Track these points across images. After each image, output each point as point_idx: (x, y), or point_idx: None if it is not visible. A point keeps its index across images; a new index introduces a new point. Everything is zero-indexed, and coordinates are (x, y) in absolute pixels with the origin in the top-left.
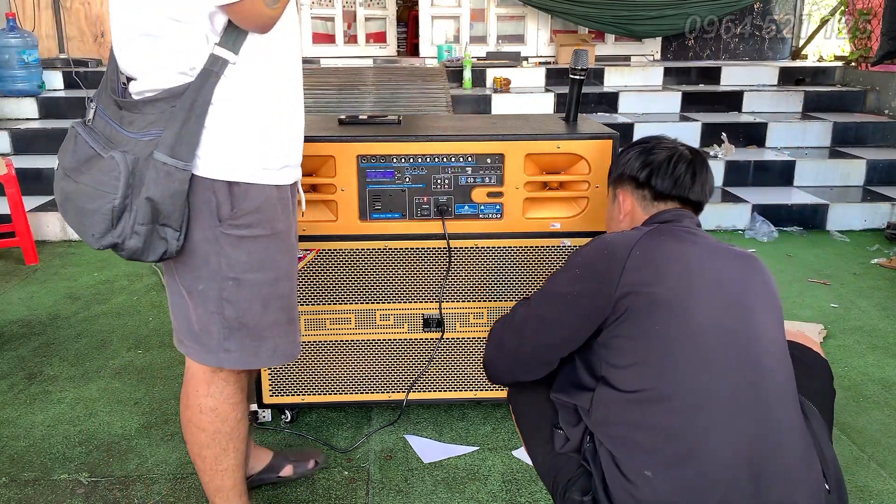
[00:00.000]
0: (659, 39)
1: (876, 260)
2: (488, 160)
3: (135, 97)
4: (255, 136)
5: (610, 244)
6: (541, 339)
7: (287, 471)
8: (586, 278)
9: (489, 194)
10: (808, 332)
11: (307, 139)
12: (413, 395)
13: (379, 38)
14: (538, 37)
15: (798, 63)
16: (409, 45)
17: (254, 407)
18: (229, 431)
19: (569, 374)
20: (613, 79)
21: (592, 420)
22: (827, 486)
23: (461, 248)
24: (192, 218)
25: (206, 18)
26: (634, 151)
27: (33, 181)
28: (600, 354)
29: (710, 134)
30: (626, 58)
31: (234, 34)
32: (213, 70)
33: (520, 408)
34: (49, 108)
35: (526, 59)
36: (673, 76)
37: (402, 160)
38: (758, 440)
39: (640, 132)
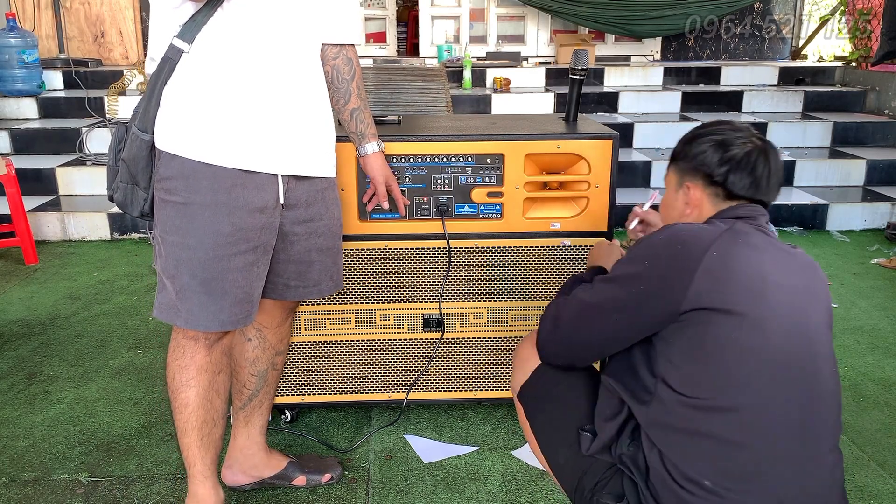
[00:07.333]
0: (659, 39)
1: (876, 260)
2: (488, 160)
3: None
4: (190, 116)
5: (684, 242)
6: (596, 331)
7: (300, 481)
8: (653, 279)
9: (489, 194)
10: None
11: None
12: (413, 395)
13: (379, 38)
14: (538, 37)
15: (798, 63)
16: (409, 45)
17: None
18: (173, 393)
19: (625, 360)
20: (613, 79)
21: (648, 418)
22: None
23: (461, 248)
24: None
25: (172, 13)
26: (708, 143)
27: (33, 181)
28: (659, 348)
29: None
30: (626, 58)
31: (191, 27)
32: (170, 57)
33: (538, 406)
34: (49, 108)
35: (526, 59)
36: (673, 76)
37: (402, 160)
38: (809, 463)
39: (639, 132)
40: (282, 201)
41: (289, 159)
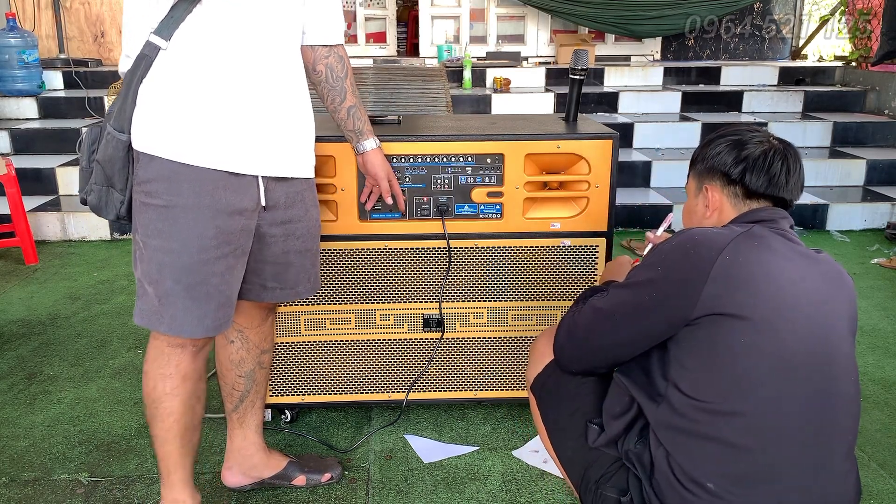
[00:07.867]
0: (659, 39)
1: (876, 260)
2: (488, 160)
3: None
4: (169, 116)
5: (696, 244)
6: (611, 336)
7: (299, 481)
8: (666, 284)
9: (489, 194)
10: None
11: None
12: (413, 395)
13: (379, 38)
14: (538, 37)
15: (798, 63)
16: (409, 45)
17: None
18: (154, 402)
19: (640, 361)
20: (613, 79)
21: (657, 417)
22: None
23: (461, 248)
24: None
25: (150, 6)
26: (724, 144)
27: (33, 181)
28: (673, 352)
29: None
30: (626, 58)
31: (168, 23)
32: (146, 55)
33: (550, 397)
34: (49, 108)
35: (526, 59)
36: (673, 76)
37: (402, 160)
38: (819, 470)
39: (639, 132)
40: (262, 203)
41: (271, 160)
